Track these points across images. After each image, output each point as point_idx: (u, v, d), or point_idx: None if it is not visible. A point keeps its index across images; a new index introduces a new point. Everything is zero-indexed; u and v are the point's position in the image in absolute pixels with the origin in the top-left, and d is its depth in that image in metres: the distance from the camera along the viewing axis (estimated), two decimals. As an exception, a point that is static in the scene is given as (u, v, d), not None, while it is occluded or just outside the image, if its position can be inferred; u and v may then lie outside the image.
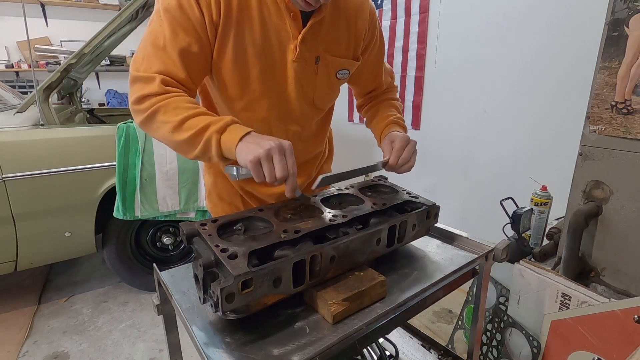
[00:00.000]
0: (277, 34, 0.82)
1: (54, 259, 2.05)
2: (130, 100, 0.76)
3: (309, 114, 0.97)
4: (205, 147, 0.71)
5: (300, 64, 0.85)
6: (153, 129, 0.75)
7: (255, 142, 0.68)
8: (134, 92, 0.75)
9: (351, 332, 0.60)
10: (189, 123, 0.71)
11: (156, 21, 0.76)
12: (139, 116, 0.76)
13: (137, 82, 0.75)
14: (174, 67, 0.75)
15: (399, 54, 2.45)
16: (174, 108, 0.72)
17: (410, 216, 0.78)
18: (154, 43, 0.75)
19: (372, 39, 0.96)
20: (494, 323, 1.33)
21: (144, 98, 0.73)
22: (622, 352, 0.97)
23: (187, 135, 0.71)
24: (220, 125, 0.71)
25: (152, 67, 0.75)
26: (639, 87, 0.97)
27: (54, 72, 1.90)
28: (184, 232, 0.64)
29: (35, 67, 3.83)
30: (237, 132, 0.70)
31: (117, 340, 1.91)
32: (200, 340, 0.58)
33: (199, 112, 0.73)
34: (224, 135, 0.71)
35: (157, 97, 0.73)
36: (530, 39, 1.77)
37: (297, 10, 0.80)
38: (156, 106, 0.72)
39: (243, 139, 0.69)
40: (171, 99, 0.73)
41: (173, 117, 0.71)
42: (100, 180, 1.95)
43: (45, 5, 4.00)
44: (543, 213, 1.36)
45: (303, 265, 0.61)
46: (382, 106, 1.06)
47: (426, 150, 2.44)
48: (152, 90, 0.73)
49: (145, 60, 0.76)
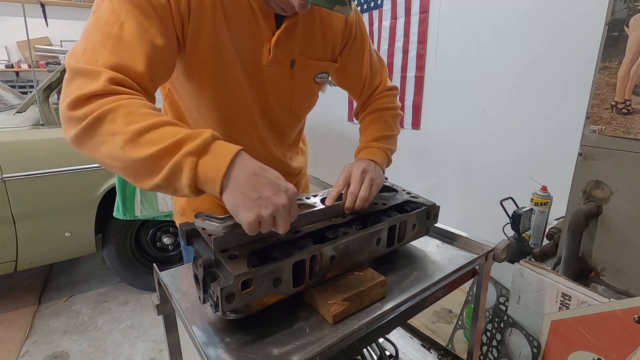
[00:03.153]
0: (251, 34, 0.74)
1: (54, 259, 2.05)
2: (63, 105, 0.54)
3: (287, 121, 0.91)
4: (171, 174, 0.51)
5: (275, 67, 0.79)
6: (92, 145, 0.53)
7: (254, 189, 0.52)
8: (70, 92, 0.54)
9: (351, 332, 0.60)
10: (150, 136, 0.52)
11: (106, 7, 0.59)
12: (72, 127, 0.53)
13: (76, 79, 0.55)
14: (129, 58, 0.57)
15: (399, 54, 2.45)
16: (126, 114, 0.52)
17: (410, 216, 0.78)
18: (103, 31, 0.57)
19: (350, 34, 0.90)
20: (494, 323, 1.33)
21: (83, 101, 0.53)
22: (622, 352, 0.97)
23: (146, 154, 0.51)
24: (197, 143, 0.52)
25: (98, 58, 0.55)
26: (639, 87, 0.97)
27: (54, 72, 1.90)
28: (184, 232, 0.64)
29: (35, 67, 3.82)
30: (222, 155, 0.53)
31: (117, 340, 1.91)
32: (200, 340, 0.58)
33: (163, 122, 0.54)
34: (203, 159, 0.52)
35: (103, 98, 0.53)
36: (531, 39, 1.77)
37: (270, 10, 0.74)
38: (100, 111, 0.52)
39: (232, 169, 0.52)
40: (123, 101, 0.53)
41: (125, 126, 0.51)
42: (100, 180, 1.95)
43: (45, 5, 4.00)
44: (543, 213, 1.36)
45: (303, 265, 0.61)
46: (370, 120, 0.97)
47: (426, 150, 2.44)
48: (95, 89, 0.53)
49: (88, 52, 0.56)
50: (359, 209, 0.75)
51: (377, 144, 0.90)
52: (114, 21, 0.58)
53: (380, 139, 0.91)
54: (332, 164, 3.41)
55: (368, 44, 0.96)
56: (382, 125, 0.94)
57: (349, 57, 0.93)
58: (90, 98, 0.53)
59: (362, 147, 0.91)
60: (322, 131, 3.39)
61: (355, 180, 0.75)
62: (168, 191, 0.54)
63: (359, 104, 1.04)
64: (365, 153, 0.88)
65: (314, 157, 3.63)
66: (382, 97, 1.00)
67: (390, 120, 0.97)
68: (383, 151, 0.89)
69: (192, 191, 0.53)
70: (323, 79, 0.90)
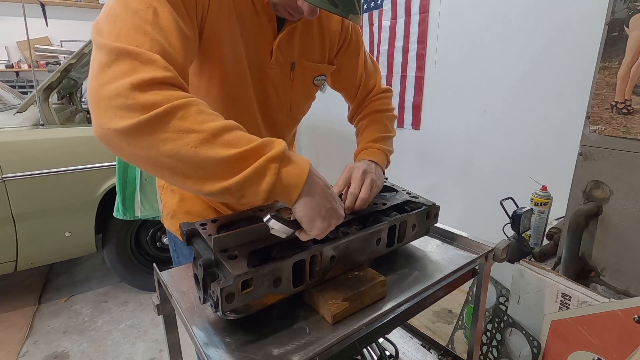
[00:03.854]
0: (255, 35, 0.74)
1: (54, 259, 2.05)
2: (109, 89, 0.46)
3: (285, 123, 0.91)
4: (251, 178, 0.50)
5: (276, 70, 0.79)
6: (152, 141, 0.47)
7: (327, 201, 0.57)
8: (118, 74, 0.47)
9: (351, 332, 0.60)
10: (226, 137, 0.50)
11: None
12: (126, 116, 0.46)
13: (121, 60, 0.48)
14: (170, 46, 0.52)
15: (399, 54, 2.45)
16: (198, 112, 0.50)
17: (410, 216, 0.78)
18: (137, 15, 0.52)
19: (346, 37, 0.90)
20: (494, 323, 1.33)
21: (143, 86, 0.47)
22: (622, 352, 0.97)
23: (224, 155, 0.49)
24: (280, 150, 0.52)
25: (139, 43, 0.49)
26: (639, 87, 0.97)
27: (54, 72, 1.90)
28: (184, 232, 0.64)
29: (35, 67, 3.82)
30: (300, 165, 0.55)
31: (117, 340, 1.91)
32: (200, 340, 0.58)
33: (233, 124, 0.52)
34: (286, 167, 0.53)
35: (165, 89, 0.49)
36: (531, 38, 1.77)
37: (273, 12, 0.73)
38: (169, 106, 0.47)
39: (308, 180, 0.55)
40: (191, 98, 0.50)
41: (199, 124, 0.49)
42: (100, 180, 1.95)
43: (45, 5, 4.00)
44: (543, 213, 1.36)
45: (303, 265, 0.61)
46: (368, 122, 0.97)
47: (426, 150, 2.44)
48: (154, 75, 0.48)
49: (124, 35, 0.50)
50: (359, 209, 0.75)
51: (377, 145, 0.90)
52: (147, 6, 0.53)
53: (379, 140, 0.91)
54: (332, 164, 3.41)
55: (362, 46, 0.96)
56: (380, 127, 0.95)
57: (344, 59, 0.94)
58: (152, 85, 0.48)
59: (362, 148, 0.91)
60: (322, 131, 3.39)
61: (356, 181, 0.75)
62: (234, 196, 0.51)
63: (353, 106, 1.04)
64: (366, 154, 0.88)
65: (314, 157, 3.63)
66: (377, 99, 1.00)
67: (387, 122, 0.97)
68: (383, 152, 0.89)
69: (265, 198, 0.52)
70: (321, 81, 0.90)
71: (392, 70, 2.52)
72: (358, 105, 1.02)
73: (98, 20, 0.53)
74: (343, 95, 1.05)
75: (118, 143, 0.48)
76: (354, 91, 1.00)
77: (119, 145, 0.49)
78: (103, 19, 0.53)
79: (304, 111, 0.95)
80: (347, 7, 0.62)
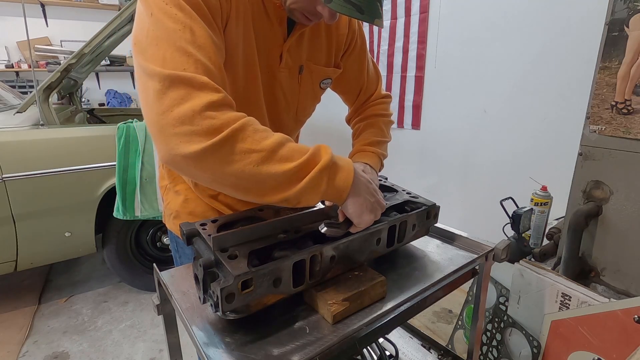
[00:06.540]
0: (264, 38, 0.74)
1: (54, 259, 2.05)
2: (171, 117, 0.50)
3: (290, 126, 0.91)
4: (308, 187, 0.56)
5: (284, 73, 0.79)
6: (218, 163, 0.52)
7: (371, 195, 0.63)
8: (175, 102, 0.50)
9: (351, 332, 0.60)
10: (282, 153, 0.55)
11: (163, 9, 0.55)
12: (192, 142, 0.50)
13: (174, 87, 0.51)
14: (211, 64, 0.55)
15: (399, 54, 2.45)
16: (254, 131, 0.54)
17: (410, 216, 0.78)
18: (176, 36, 0.54)
19: (352, 41, 0.91)
20: (494, 323, 1.33)
21: (199, 113, 0.50)
22: (622, 352, 0.97)
23: (283, 169, 0.54)
24: (329, 159, 0.58)
25: (188, 66, 0.53)
26: (639, 87, 0.97)
27: (54, 72, 1.90)
28: (184, 232, 0.64)
29: (35, 67, 3.83)
30: (346, 168, 0.61)
31: (117, 340, 1.91)
32: (200, 340, 0.58)
33: (282, 137, 0.57)
34: (337, 175, 0.59)
35: (227, 111, 0.53)
36: (531, 38, 1.77)
37: (284, 14, 0.73)
38: (230, 130, 0.51)
39: (353, 184, 0.60)
40: (244, 119, 0.54)
41: (257, 143, 0.53)
42: (100, 180, 1.95)
43: (45, 5, 4.00)
44: (543, 213, 1.36)
45: (303, 265, 0.61)
46: (365, 125, 0.98)
47: (426, 150, 2.44)
48: (209, 100, 0.51)
49: (170, 58, 0.52)
50: None
51: (372, 148, 0.92)
52: (183, 25, 0.55)
53: (374, 143, 0.93)
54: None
55: (367, 51, 0.97)
56: (376, 131, 0.96)
57: (348, 63, 0.94)
58: (209, 109, 0.51)
59: (357, 150, 0.93)
60: (322, 131, 3.39)
61: None
62: (291, 203, 0.57)
63: (352, 109, 1.05)
64: (360, 156, 0.90)
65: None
66: (377, 104, 1.01)
67: (384, 126, 0.98)
68: (377, 156, 0.91)
69: (318, 201, 0.60)
70: (327, 84, 0.91)
71: (392, 70, 2.52)
72: (357, 108, 1.03)
73: (137, 39, 0.56)
74: (343, 98, 1.05)
75: (186, 166, 0.53)
76: (355, 95, 1.01)
77: (186, 168, 0.53)
78: (144, 40, 0.55)
79: (309, 114, 0.95)
80: (373, 13, 0.63)
